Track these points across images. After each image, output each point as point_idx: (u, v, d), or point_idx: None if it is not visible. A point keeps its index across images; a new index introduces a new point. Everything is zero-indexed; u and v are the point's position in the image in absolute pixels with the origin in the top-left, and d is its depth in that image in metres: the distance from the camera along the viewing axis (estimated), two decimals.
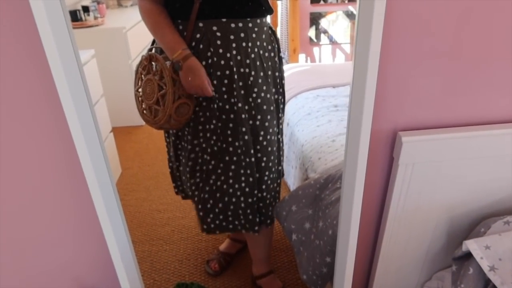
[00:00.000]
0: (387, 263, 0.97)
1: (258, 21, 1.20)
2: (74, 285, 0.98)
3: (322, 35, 3.62)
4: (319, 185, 1.45)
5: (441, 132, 0.82)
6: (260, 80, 1.23)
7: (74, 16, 2.79)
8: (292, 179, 2.05)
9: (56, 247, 0.95)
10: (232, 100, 1.21)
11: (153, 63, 1.17)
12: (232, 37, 1.16)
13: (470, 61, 0.81)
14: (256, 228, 1.43)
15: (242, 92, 1.21)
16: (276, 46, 1.31)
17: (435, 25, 0.76)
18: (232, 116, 1.23)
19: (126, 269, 0.82)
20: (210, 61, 1.17)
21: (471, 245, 0.79)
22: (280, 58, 1.35)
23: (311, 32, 3.60)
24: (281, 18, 3.55)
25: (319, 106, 2.09)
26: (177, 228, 2.12)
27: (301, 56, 3.65)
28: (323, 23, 3.58)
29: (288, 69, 2.65)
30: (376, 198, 0.92)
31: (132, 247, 0.94)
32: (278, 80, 1.34)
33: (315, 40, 3.63)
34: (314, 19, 3.56)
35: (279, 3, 3.46)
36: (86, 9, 2.92)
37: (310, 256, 1.36)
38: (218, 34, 1.15)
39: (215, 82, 1.18)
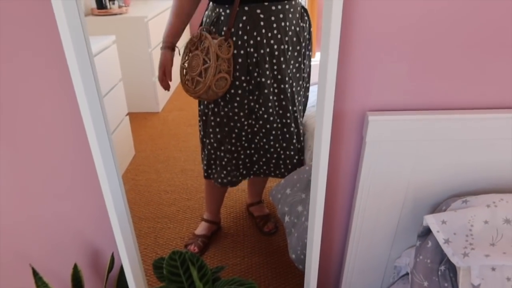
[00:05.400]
0: (359, 239, 1.04)
1: (293, 2, 1.40)
2: (76, 239, 1.10)
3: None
4: None
5: (406, 113, 0.88)
6: (295, 53, 1.46)
7: (100, 4, 2.94)
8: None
9: (58, 201, 1.06)
10: (275, 73, 1.43)
11: (202, 40, 1.36)
12: (273, 18, 1.35)
13: (435, 49, 0.87)
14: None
15: (283, 66, 1.42)
16: (308, 22, 1.51)
17: (401, 12, 0.83)
18: (275, 85, 1.46)
19: (121, 227, 0.92)
20: (256, 39, 1.37)
21: (430, 219, 0.85)
22: (311, 33, 1.55)
23: None
24: None
25: None
26: (182, 209, 2.23)
27: (319, 54, 3.68)
28: None
29: None
30: (349, 175, 0.99)
31: (128, 208, 1.04)
32: (308, 53, 1.57)
33: None
34: None
35: None
36: None
37: (300, 236, 1.43)
38: (262, 16, 1.34)
39: (259, 58, 1.39)
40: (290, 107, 1.52)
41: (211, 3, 1.43)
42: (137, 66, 3.12)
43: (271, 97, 1.47)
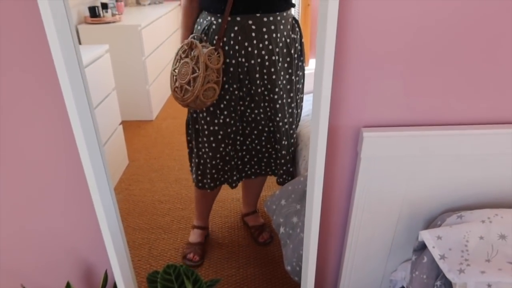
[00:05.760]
0: (354, 254, 1.04)
1: (285, 14, 1.41)
2: (69, 256, 1.08)
3: None
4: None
5: (400, 130, 0.89)
6: (286, 65, 1.47)
7: (93, 12, 2.93)
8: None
9: (51, 218, 1.05)
10: (265, 82, 1.45)
11: (192, 48, 1.36)
12: (264, 29, 1.37)
13: (428, 66, 0.88)
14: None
15: (274, 76, 1.44)
16: (299, 34, 1.53)
17: (393, 33, 0.84)
18: (266, 93, 1.47)
19: (113, 242, 0.91)
20: (248, 50, 1.38)
21: (425, 235, 0.86)
22: (302, 44, 1.57)
23: None
24: None
25: None
26: (176, 219, 2.21)
27: (313, 62, 3.70)
28: None
29: None
30: (344, 190, 1.00)
31: (121, 221, 1.03)
32: (300, 64, 1.58)
33: None
34: None
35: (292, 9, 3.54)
36: (105, 6, 3.06)
37: (295, 248, 1.43)
38: (253, 27, 1.36)
39: (250, 68, 1.41)
40: (279, 118, 1.53)
41: (203, 10, 1.44)
42: (130, 74, 3.12)
43: (262, 104, 1.48)
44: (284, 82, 1.48)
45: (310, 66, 3.66)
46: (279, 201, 1.54)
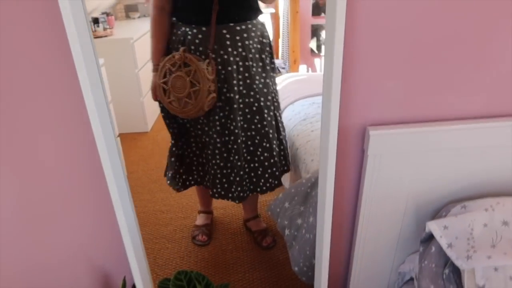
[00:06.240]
0: (364, 247, 1.08)
1: (254, 21, 1.49)
2: (87, 266, 1.10)
3: (323, 47, 3.73)
4: (310, 184, 1.54)
5: (405, 127, 0.94)
6: (259, 69, 1.53)
7: None
8: (288, 181, 2.15)
9: (73, 231, 1.07)
10: (241, 88, 1.49)
11: (186, 62, 1.38)
12: (237, 37, 1.43)
13: (428, 66, 0.93)
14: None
15: (248, 81, 1.49)
16: (268, 37, 1.59)
17: (397, 36, 0.89)
18: (241, 100, 1.51)
19: (135, 250, 0.94)
20: (224, 58, 1.43)
21: (432, 225, 0.90)
22: (271, 46, 1.63)
23: (313, 44, 3.72)
24: (283, 30, 3.69)
25: (314, 112, 2.20)
26: (179, 228, 2.23)
27: (302, 67, 3.77)
28: (324, 35, 3.71)
29: (286, 79, 2.77)
30: (353, 186, 1.04)
31: (140, 232, 1.05)
32: (272, 66, 1.63)
33: (316, 52, 3.75)
34: (316, 31, 3.68)
35: (281, 16, 3.61)
36: (96, 20, 3.08)
37: (301, 248, 1.46)
38: (228, 36, 1.41)
39: (227, 75, 1.45)
40: (257, 121, 1.56)
41: (177, 21, 1.47)
42: (125, 87, 3.14)
43: (240, 112, 1.52)
44: (260, 86, 1.53)
45: (301, 71, 3.73)
46: (282, 204, 1.57)
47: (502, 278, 0.85)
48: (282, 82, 2.69)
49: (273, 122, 1.63)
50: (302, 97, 2.42)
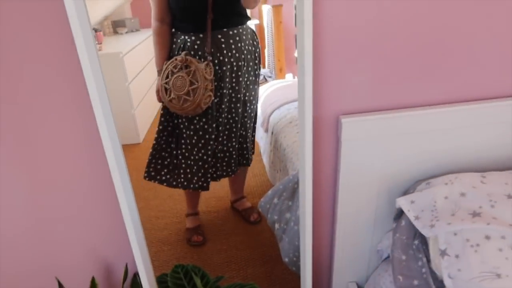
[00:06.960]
0: (344, 229, 1.18)
1: (245, 26, 1.69)
2: (89, 255, 1.18)
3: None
4: (297, 179, 1.64)
5: (373, 114, 1.04)
6: (249, 69, 1.74)
7: None
8: (277, 182, 2.25)
9: (75, 220, 1.16)
10: (233, 84, 1.69)
11: (187, 64, 1.57)
12: (231, 41, 1.63)
13: (394, 57, 1.04)
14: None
15: (240, 79, 1.70)
16: (257, 40, 1.80)
17: (359, 35, 1.00)
18: (232, 93, 1.72)
19: (137, 239, 1.03)
20: (219, 59, 1.62)
21: (401, 201, 1.01)
22: (259, 50, 1.83)
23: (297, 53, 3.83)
24: (267, 40, 3.81)
25: None
26: (174, 232, 2.30)
27: (288, 76, 3.88)
28: None
29: (272, 85, 2.88)
30: (331, 172, 1.15)
31: (141, 223, 1.15)
32: (259, 65, 1.85)
33: None
34: None
35: (265, 26, 3.74)
36: None
37: (290, 240, 1.54)
38: (222, 40, 1.61)
39: (222, 74, 1.65)
40: (240, 111, 1.79)
41: (175, 31, 1.66)
42: (115, 100, 3.19)
43: (228, 104, 1.73)
44: (248, 83, 1.76)
45: (288, 78, 3.83)
46: (271, 200, 1.67)
47: (460, 240, 0.95)
48: (268, 88, 2.80)
49: (252, 114, 1.89)
50: (288, 101, 2.53)
